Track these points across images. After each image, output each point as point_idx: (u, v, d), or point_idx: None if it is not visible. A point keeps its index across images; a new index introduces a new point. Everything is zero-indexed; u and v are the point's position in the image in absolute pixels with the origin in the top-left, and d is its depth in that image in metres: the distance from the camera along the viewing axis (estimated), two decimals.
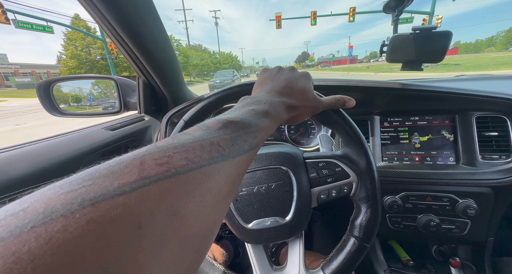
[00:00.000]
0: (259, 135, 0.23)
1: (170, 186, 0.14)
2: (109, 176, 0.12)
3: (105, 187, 0.12)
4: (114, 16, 0.52)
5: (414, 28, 0.61)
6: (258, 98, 0.28)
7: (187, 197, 0.14)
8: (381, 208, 0.41)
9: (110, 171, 0.13)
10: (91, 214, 0.10)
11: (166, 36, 0.70)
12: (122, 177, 0.12)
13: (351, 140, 0.42)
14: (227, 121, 0.21)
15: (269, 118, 0.26)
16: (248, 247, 0.47)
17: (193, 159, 0.16)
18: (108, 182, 0.12)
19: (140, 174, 0.13)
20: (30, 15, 10.27)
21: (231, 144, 0.20)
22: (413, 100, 0.68)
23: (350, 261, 0.40)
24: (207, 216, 0.16)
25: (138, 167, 0.13)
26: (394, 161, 0.71)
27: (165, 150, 0.15)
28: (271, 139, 0.85)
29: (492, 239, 0.63)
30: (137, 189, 0.12)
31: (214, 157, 0.17)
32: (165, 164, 0.14)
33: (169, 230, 0.13)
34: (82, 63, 25.48)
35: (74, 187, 0.11)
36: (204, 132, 0.19)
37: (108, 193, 0.11)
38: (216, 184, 0.17)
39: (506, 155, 0.61)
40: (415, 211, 0.64)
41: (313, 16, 13.96)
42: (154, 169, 0.14)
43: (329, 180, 0.43)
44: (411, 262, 0.71)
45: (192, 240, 0.15)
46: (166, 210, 0.13)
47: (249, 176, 0.42)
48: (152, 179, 0.13)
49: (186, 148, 0.16)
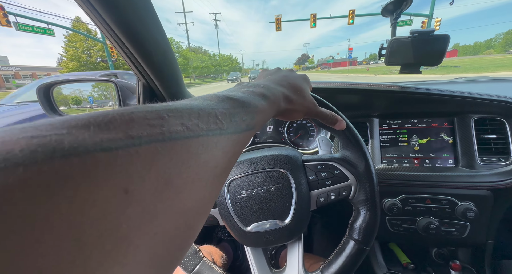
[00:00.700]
0: (257, 116, 0.22)
1: (164, 151, 0.12)
2: (89, 128, 0.10)
3: (84, 140, 0.09)
4: (113, 19, 0.53)
5: (412, 32, 0.61)
6: (255, 83, 0.27)
7: (182, 166, 0.13)
8: (380, 211, 0.41)
9: (90, 123, 0.10)
10: (63, 168, 0.08)
11: (166, 38, 0.71)
12: (106, 132, 0.10)
13: (349, 143, 0.42)
14: (226, 97, 0.20)
15: (267, 101, 0.25)
16: (247, 250, 0.47)
17: (190, 127, 0.14)
18: (88, 134, 0.09)
19: (129, 131, 0.11)
20: (31, 18, 10.33)
21: (229, 119, 0.18)
22: (412, 103, 0.68)
23: (350, 264, 0.40)
24: (202, 190, 0.15)
25: (127, 124, 0.11)
26: (394, 164, 0.71)
27: (158, 111, 0.13)
28: (270, 141, 0.85)
29: (491, 242, 0.63)
30: (124, 147, 0.10)
31: (211, 129, 0.16)
32: (158, 126, 0.12)
33: (160, 200, 0.11)
34: (83, 65, 25.57)
35: (41, 133, 0.09)
36: (202, 102, 0.18)
37: (88, 147, 0.09)
38: (213, 158, 0.15)
39: (505, 158, 0.61)
40: (414, 214, 0.64)
41: (313, 19, 14.04)
42: (146, 129, 0.12)
43: (328, 183, 0.43)
44: (411, 264, 0.70)
45: (185, 216, 0.13)
46: (158, 177, 0.11)
47: (248, 179, 0.42)
48: (143, 140, 0.11)
49: (182, 113, 0.14)
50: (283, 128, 0.84)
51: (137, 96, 0.84)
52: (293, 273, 0.44)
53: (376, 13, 3.82)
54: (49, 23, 10.93)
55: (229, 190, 0.42)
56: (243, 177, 0.42)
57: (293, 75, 0.35)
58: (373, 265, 0.73)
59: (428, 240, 0.67)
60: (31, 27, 10.53)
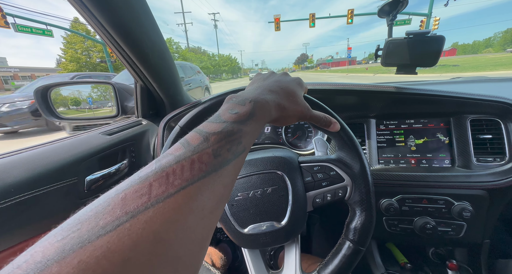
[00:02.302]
0: (244, 140, 0.23)
1: (150, 217, 0.15)
2: (94, 218, 0.14)
3: (91, 229, 0.13)
4: (108, 21, 0.53)
5: (408, 33, 0.62)
6: (243, 97, 0.27)
7: (168, 223, 0.15)
8: (377, 211, 0.42)
9: (95, 212, 0.14)
10: (80, 256, 0.12)
11: (163, 40, 0.71)
12: (105, 217, 0.14)
13: (344, 144, 0.42)
14: (208, 133, 0.21)
15: (254, 119, 0.25)
16: (245, 251, 0.47)
17: (173, 182, 0.17)
18: (94, 223, 0.14)
19: (121, 210, 0.14)
20: (30, 19, 10.32)
21: (213, 157, 0.20)
22: (408, 103, 0.68)
23: (346, 264, 0.40)
24: (192, 235, 0.17)
25: (120, 204, 0.15)
26: (391, 164, 0.71)
27: (145, 179, 0.16)
28: (268, 142, 0.85)
29: (488, 241, 0.63)
30: (119, 226, 0.14)
31: (194, 175, 0.18)
32: (145, 194, 0.15)
33: (155, 256, 0.14)
34: (82, 66, 25.53)
35: (65, 234, 0.13)
36: (185, 150, 0.19)
37: (94, 235, 0.13)
38: (198, 203, 0.17)
39: (501, 158, 0.62)
40: (411, 214, 0.64)
41: (312, 18, 14.04)
42: (134, 202, 0.15)
43: (324, 184, 0.43)
44: (408, 264, 0.71)
45: (181, 261, 0.16)
46: (149, 240, 0.14)
47: (245, 181, 0.42)
48: (133, 213, 0.14)
49: (166, 172, 0.17)
50: (281, 129, 0.84)
51: (135, 97, 0.84)
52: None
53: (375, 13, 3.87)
54: (48, 24, 10.91)
55: None
56: (239, 179, 0.43)
57: (286, 79, 0.35)
58: (370, 265, 0.73)
59: (425, 240, 0.67)
60: (29, 28, 10.51)
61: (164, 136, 0.71)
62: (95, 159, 0.57)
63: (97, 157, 0.58)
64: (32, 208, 0.43)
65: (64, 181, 0.49)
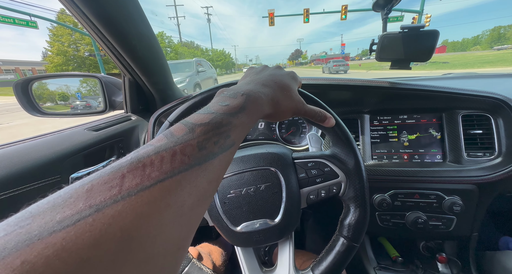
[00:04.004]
0: (233, 133, 0.22)
1: (118, 211, 0.13)
2: (50, 211, 0.12)
3: (44, 224, 0.11)
4: (91, 11, 0.50)
5: (402, 27, 0.61)
6: (236, 90, 0.26)
7: (139, 218, 0.13)
8: (370, 206, 0.41)
9: (52, 205, 0.12)
10: (24, 256, 0.10)
11: (152, 32, 0.68)
12: (64, 210, 0.12)
13: (339, 140, 0.41)
14: (194, 125, 0.20)
15: (246, 113, 0.24)
16: (238, 250, 0.46)
17: (150, 175, 0.15)
18: (49, 218, 0.11)
19: (85, 203, 0.12)
20: (12, 9, 9.82)
21: (197, 150, 0.18)
22: (401, 99, 0.68)
23: (340, 261, 0.40)
24: (167, 233, 0.15)
25: (84, 196, 0.13)
26: (384, 159, 0.71)
27: (118, 169, 0.14)
28: (261, 138, 0.84)
29: (476, 234, 0.65)
30: (79, 220, 0.12)
31: (175, 167, 0.16)
32: (115, 187, 0.13)
33: (122, 255, 0.12)
34: (70, 60, 24.63)
35: (10, 229, 0.11)
36: (168, 141, 0.18)
37: (46, 230, 0.11)
38: (177, 198, 0.16)
39: (490, 152, 0.63)
40: (403, 209, 0.65)
41: (306, 14, 13.97)
42: (101, 194, 0.13)
43: (318, 180, 0.43)
44: (399, 258, 0.72)
45: (152, 261, 0.14)
46: (115, 237, 0.12)
47: (237, 178, 0.41)
48: (97, 207, 0.12)
49: (143, 162, 0.15)
50: (275, 125, 0.83)
51: (123, 92, 0.81)
52: (284, 272, 0.44)
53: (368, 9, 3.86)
54: (32, 15, 10.42)
55: (218, 189, 0.41)
56: (232, 176, 0.41)
57: (280, 73, 0.34)
58: (363, 259, 0.74)
59: (416, 234, 0.68)
60: (12, 19, 10.02)
61: (155, 132, 0.68)
62: (80, 156, 0.55)
63: (83, 154, 0.56)
64: (10, 209, 0.40)
65: (46, 180, 0.46)
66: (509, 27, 76.80)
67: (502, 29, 76.31)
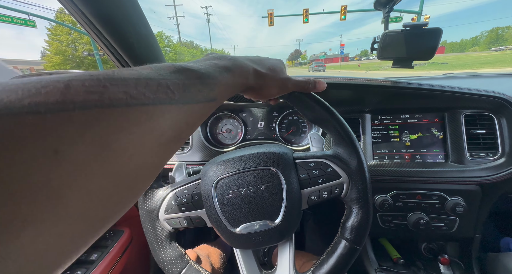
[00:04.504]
0: (218, 89, 0.22)
1: (101, 117, 0.12)
2: (17, 92, 0.10)
3: (10, 102, 0.10)
4: (90, 9, 0.48)
5: (405, 25, 0.60)
6: (223, 55, 0.27)
7: (121, 132, 0.13)
8: (372, 208, 0.41)
9: (20, 87, 0.10)
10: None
11: (150, 31, 0.67)
12: (36, 96, 0.10)
13: (342, 140, 0.40)
14: (183, 67, 0.20)
15: (231, 74, 0.24)
16: (236, 251, 0.45)
17: (134, 95, 0.14)
18: (15, 97, 0.10)
19: (62, 97, 0.11)
20: (10, 8, 9.77)
21: (182, 90, 0.18)
22: (403, 98, 0.67)
23: (342, 264, 0.39)
24: (145, 156, 0.15)
25: (61, 90, 0.11)
26: (385, 159, 0.70)
27: (99, 79, 0.13)
28: (261, 138, 0.83)
29: (479, 236, 0.64)
30: (55, 112, 0.10)
31: (160, 98, 0.16)
32: (97, 93, 0.12)
33: (96, 162, 0.12)
34: (68, 59, 24.53)
35: None
36: (153, 72, 0.17)
37: (14, 109, 0.10)
38: (158, 126, 0.15)
39: (493, 153, 0.62)
40: (405, 210, 0.64)
41: (305, 14, 13.98)
42: (82, 95, 0.12)
43: (320, 181, 0.41)
44: (401, 260, 0.71)
45: (123, 178, 0.14)
46: (93, 141, 0.12)
47: (237, 178, 0.40)
48: (77, 105, 0.11)
49: (127, 82, 0.14)
50: (275, 124, 0.82)
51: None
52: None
53: (368, 9, 3.84)
54: (30, 14, 10.37)
55: (217, 190, 0.40)
56: (231, 176, 0.40)
57: (267, 57, 0.36)
58: (364, 261, 0.73)
59: (418, 235, 0.68)
60: (10, 17, 9.97)
61: None
62: None
63: None
64: None
65: None
66: (507, 28, 77.26)
67: (500, 30, 76.73)
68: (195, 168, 0.59)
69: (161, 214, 0.43)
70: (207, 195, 0.40)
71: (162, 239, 0.44)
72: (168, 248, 0.44)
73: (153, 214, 0.44)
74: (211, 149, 0.78)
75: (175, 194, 0.43)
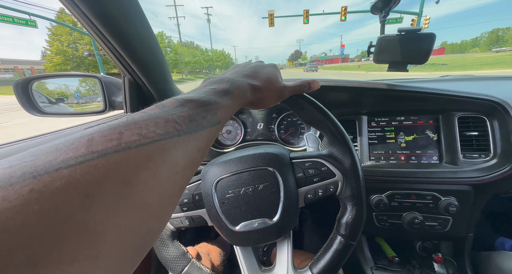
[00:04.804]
0: (220, 112, 0.24)
1: (120, 159, 0.14)
2: (53, 153, 0.12)
3: (49, 162, 0.12)
4: (93, 12, 0.50)
5: (399, 30, 0.62)
6: (221, 77, 0.29)
7: (139, 168, 0.15)
8: (368, 207, 0.42)
9: (54, 148, 0.13)
10: (32, 185, 0.11)
11: (152, 32, 0.68)
12: (67, 153, 0.13)
13: (336, 140, 0.42)
14: (185, 100, 0.21)
15: (231, 96, 0.26)
16: (237, 249, 0.46)
17: (146, 135, 0.16)
18: (52, 157, 0.12)
19: (87, 149, 0.13)
20: (11, 8, 9.80)
21: (188, 120, 0.20)
22: (399, 100, 0.69)
23: (337, 259, 0.41)
24: (163, 186, 0.16)
25: (86, 144, 0.13)
26: (381, 160, 0.72)
27: (116, 127, 0.15)
28: (260, 139, 0.84)
29: (471, 235, 0.65)
30: (83, 162, 0.12)
31: (169, 132, 0.18)
32: (115, 140, 0.14)
33: (122, 199, 0.13)
34: (69, 59, 24.57)
35: (13, 163, 0.11)
36: (160, 110, 0.19)
37: (52, 167, 0.12)
38: (172, 157, 0.17)
39: (485, 154, 0.64)
40: (400, 209, 0.66)
41: (306, 15, 14.01)
42: (102, 144, 0.14)
43: (316, 180, 0.43)
44: (396, 258, 0.73)
45: (148, 209, 0.15)
46: (117, 181, 0.13)
47: (236, 178, 0.42)
48: (100, 153, 0.13)
49: (139, 125, 0.16)
50: (274, 126, 0.84)
51: (123, 92, 0.81)
52: (282, 270, 0.44)
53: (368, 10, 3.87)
54: (31, 14, 10.40)
55: (217, 190, 0.42)
56: (230, 176, 0.42)
57: (262, 65, 0.37)
58: (360, 259, 0.75)
59: (413, 234, 0.69)
60: (11, 18, 10.00)
61: None
62: None
63: None
64: None
65: None
66: (508, 29, 77.28)
67: (501, 31, 76.77)
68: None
69: None
70: (208, 195, 0.42)
71: (165, 238, 0.46)
72: (171, 247, 0.45)
73: None
74: (211, 150, 0.80)
75: None
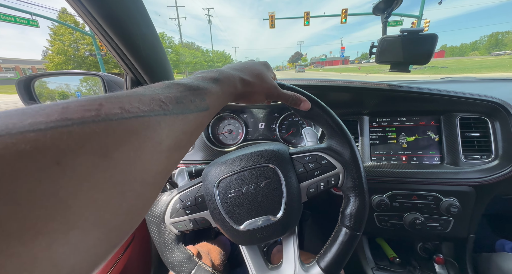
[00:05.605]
0: (208, 98, 0.23)
1: (100, 130, 0.13)
2: (18, 116, 0.11)
3: (12, 123, 0.10)
4: (98, 11, 0.50)
5: (402, 30, 0.62)
6: (209, 70, 0.29)
7: (120, 141, 0.14)
8: (369, 205, 0.42)
9: (21, 112, 0.11)
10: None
11: (155, 32, 0.69)
12: (35, 117, 0.11)
13: (334, 132, 0.42)
14: (172, 83, 0.21)
15: (219, 84, 0.26)
16: (242, 249, 0.46)
17: (129, 109, 0.15)
18: (17, 119, 0.11)
19: (61, 116, 0.12)
20: (13, 8, 9.83)
21: (175, 102, 0.19)
22: (400, 101, 0.69)
23: (344, 251, 0.41)
24: (146, 164, 0.15)
25: (59, 111, 0.12)
26: (382, 161, 0.72)
27: (95, 99, 0.14)
28: (261, 138, 0.84)
29: (473, 236, 0.65)
30: (55, 128, 0.11)
31: (154, 110, 0.17)
32: (94, 110, 0.13)
33: (99, 171, 0.12)
34: (70, 59, 24.61)
35: None
36: (146, 89, 0.18)
37: (15, 129, 0.10)
38: (156, 135, 0.16)
39: (487, 155, 0.64)
40: (401, 210, 0.65)
41: (306, 17, 14.06)
42: (79, 113, 0.13)
43: (317, 173, 0.43)
44: (397, 259, 0.73)
45: (129, 185, 0.14)
46: (94, 151, 0.12)
47: (237, 177, 0.42)
48: (75, 121, 0.12)
49: (121, 99, 0.15)
50: (275, 125, 0.84)
51: (125, 91, 0.81)
52: (289, 267, 0.44)
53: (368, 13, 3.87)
54: (33, 14, 10.43)
55: (219, 190, 0.41)
56: (231, 176, 0.42)
57: (252, 62, 0.37)
58: (361, 260, 0.74)
59: (414, 235, 0.69)
60: (13, 17, 10.03)
61: None
62: None
63: None
64: None
65: None
66: (507, 33, 77.65)
67: (500, 35, 77.12)
68: (198, 167, 0.60)
69: (167, 219, 0.45)
70: (210, 196, 0.42)
71: (169, 242, 0.45)
72: (177, 251, 0.45)
73: (159, 219, 0.45)
74: (213, 149, 0.80)
75: (179, 198, 0.45)
